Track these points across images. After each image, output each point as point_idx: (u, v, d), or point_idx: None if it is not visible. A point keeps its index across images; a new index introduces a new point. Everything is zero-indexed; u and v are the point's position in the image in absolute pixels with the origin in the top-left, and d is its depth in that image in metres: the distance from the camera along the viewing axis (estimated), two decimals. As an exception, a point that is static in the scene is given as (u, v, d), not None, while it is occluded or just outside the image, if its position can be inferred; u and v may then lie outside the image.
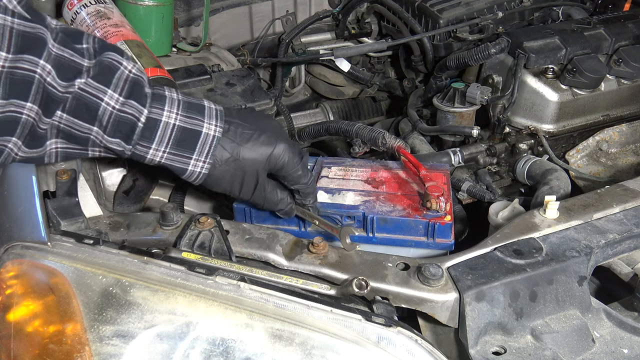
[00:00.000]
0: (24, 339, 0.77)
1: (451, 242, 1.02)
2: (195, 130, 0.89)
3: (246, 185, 0.94)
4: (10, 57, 0.74)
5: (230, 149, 0.91)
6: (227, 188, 0.94)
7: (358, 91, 1.99)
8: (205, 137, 0.90)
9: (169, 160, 0.90)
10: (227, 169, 0.92)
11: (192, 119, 0.89)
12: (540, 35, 1.46)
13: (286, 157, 0.94)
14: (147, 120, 0.86)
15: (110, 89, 0.84)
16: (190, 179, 0.92)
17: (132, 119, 0.85)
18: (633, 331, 0.89)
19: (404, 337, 0.77)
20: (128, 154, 0.88)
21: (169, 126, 0.88)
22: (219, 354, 0.74)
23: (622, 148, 1.46)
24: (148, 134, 0.87)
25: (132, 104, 0.85)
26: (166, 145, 0.88)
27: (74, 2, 1.30)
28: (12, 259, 0.82)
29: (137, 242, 0.94)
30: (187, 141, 0.89)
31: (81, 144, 0.86)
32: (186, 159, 0.90)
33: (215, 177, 0.92)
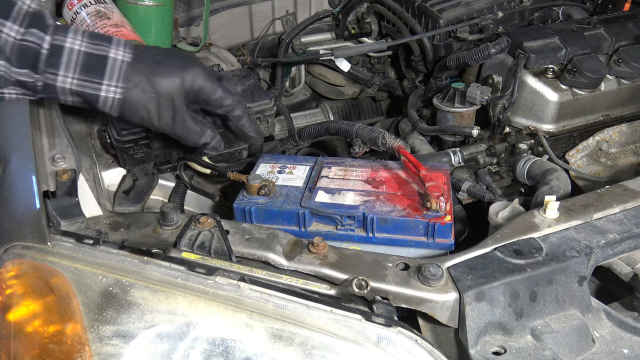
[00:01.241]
0: (24, 339, 0.77)
1: (451, 242, 1.02)
2: (102, 55, 0.88)
3: (163, 113, 0.93)
4: None
5: (143, 73, 0.90)
6: (144, 116, 0.93)
7: (358, 91, 1.99)
8: (114, 61, 0.89)
9: (80, 87, 0.88)
10: (142, 95, 0.91)
11: (98, 45, 0.88)
12: (540, 35, 1.46)
13: (201, 79, 0.93)
14: (51, 47, 0.85)
15: (9, 21, 0.83)
16: (105, 108, 0.91)
17: (34, 47, 0.84)
18: (633, 331, 0.89)
19: (404, 337, 0.77)
20: (40, 86, 0.87)
21: (73, 52, 0.87)
22: (219, 354, 0.74)
23: (622, 148, 1.46)
24: (53, 61, 0.86)
25: (33, 32, 0.84)
26: (73, 70, 0.87)
27: (74, 2, 1.30)
28: (12, 259, 0.82)
29: (137, 242, 0.94)
30: (94, 67, 0.88)
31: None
32: (96, 84, 0.88)
33: (130, 103, 0.91)
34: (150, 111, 0.92)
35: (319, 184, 1.14)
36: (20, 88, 0.88)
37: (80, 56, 0.87)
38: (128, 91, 0.90)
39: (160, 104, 0.92)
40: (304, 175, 1.17)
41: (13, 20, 0.83)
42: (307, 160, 1.24)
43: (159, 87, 0.91)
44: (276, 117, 1.67)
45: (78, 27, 0.90)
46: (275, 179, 1.16)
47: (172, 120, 0.94)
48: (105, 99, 0.90)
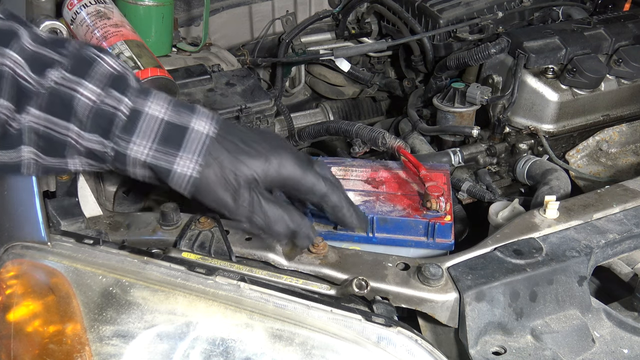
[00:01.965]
0: (24, 339, 0.77)
1: (451, 242, 1.02)
2: (184, 126, 0.78)
3: (243, 198, 0.80)
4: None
5: (226, 150, 0.79)
6: (220, 199, 0.80)
7: (358, 91, 1.99)
8: (196, 133, 0.78)
9: (154, 159, 0.77)
10: (220, 175, 0.79)
11: (181, 114, 0.78)
12: (540, 35, 1.46)
13: (290, 164, 0.82)
14: (130, 112, 0.76)
15: (87, 80, 0.75)
16: (178, 184, 0.79)
17: (111, 110, 0.75)
18: (633, 331, 0.89)
19: (404, 337, 0.77)
20: (110, 156, 0.77)
21: (153, 119, 0.77)
22: (219, 354, 0.74)
23: (622, 148, 1.46)
24: (130, 127, 0.76)
25: (112, 94, 0.76)
26: (150, 139, 0.77)
27: (74, 2, 1.30)
28: (12, 259, 0.82)
29: (137, 242, 0.94)
30: (174, 137, 0.77)
31: (59, 152, 0.77)
32: (172, 157, 0.78)
33: (206, 183, 0.79)
34: (228, 194, 0.80)
35: (319, 184, 1.14)
36: (88, 158, 0.79)
37: (161, 124, 0.77)
38: (207, 168, 0.78)
39: (240, 187, 0.80)
40: (304, 175, 1.17)
41: (92, 81, 0.75)
42: (307, 160, 1.24)
43: (242, 168, 0.79)
44: (276, 117, 1.67)
45: (161, 94, 0.79)
46: (275, 179, 1.15)
47: (252, 207, 0.80)
48: (180, 175, 0.78)
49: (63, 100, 0.74)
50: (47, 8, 1.37)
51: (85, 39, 1.26)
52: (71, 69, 0.75)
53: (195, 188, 0.79)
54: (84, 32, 1.26)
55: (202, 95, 1.36)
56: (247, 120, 1.33)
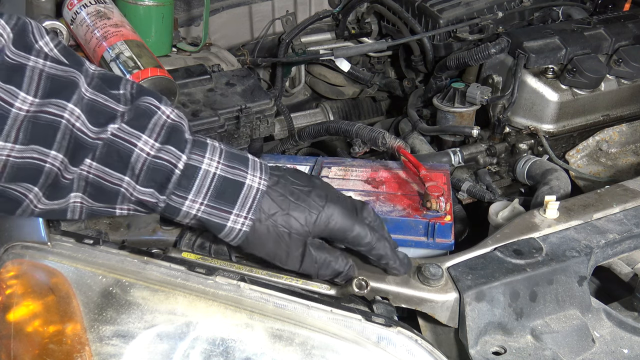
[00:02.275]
0: (24, 339, 0.77)
1: (451, 242, 1.02)
2: (238, 181, 0.79)
3: (293, 250, 0.82)
4: (37, 102, 0.68)
5: (277, 205, 0.81)
6: (271, 252, 0.83)
7: (358, 91, 1.99)
8: (249, 189, 0.80)
9: (206, 215, 0.79)
10: (272, 229, 0.81)
11: (234, 169, 0.80)
12: (540, 35, 1.46)
13: (339, 218, 0.83)
14: (186, 168, 0.77)
15: (145, 134, 0.75)
16: (229, 238, 0.81)
17: (168, 166, 0.76)
18: (633, 331, 0.89)
19: (404, 337, 0.77)
20: (161, 207, 0.79)
21: (209, 175, 0.78)
22: (219, 354, 0.74)
23: (622, 148, 1.46)
24: (185, 183, 0.77)
25: (169, 150, 0.76)
26: (204, 196, 0.78)
27: (74, 2, 1.30)
28: (12, 259, 0.82)
29: (137, 242, 0.94)
30: (228, 193, 0.79)
31: (109, 199, 0.78)
32: (226, 213, 0.79)
33: (257, 237, 0.81)
34: (279, 247, 0.82)
35: (319, 184, 1.14)
36: (137, 206, 0.80)
37: (215, 180, 0.78)
38: (258, 223, 0.80)
39: (289, 240, 0.82)
40: (304, 175, 1.17)
41: (149, 134, 0.75)
42: (307, 160, 1.24)
43: (292, 222, 0.81)
44: (276, 117, 1.67)
45: (215, 145, 0.80)
46: (275, 179, 1.15)
47: (302, 257, 0.83)
48: (231, 229, 0.80)
49: (120, 152, 0.75)
50: (47, 8, 1.37)
51: (85, 39, 1.26)
52: (130, 121, 0.75)
53: (245, 241, 0.81)
54: (84, 32, 1.26)
55: (202, 95, 1.36)
56: (247, 120, 1.33)
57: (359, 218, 0.86)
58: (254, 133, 1.36)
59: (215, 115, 1.28)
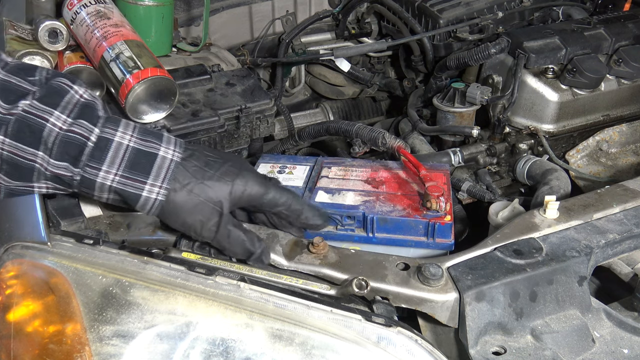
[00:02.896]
0: (24, 339, 0.77)
1: (451, 242, 1.02)
2: (151, 152, 0.82)
3: (208, 220, 0.84)
4: None
5: (191, 175, 0.84)
6: (186, 222, 0.85)
7: (358, 91, 1.99)
8: (162, 160, 0.82)
9: (121, 185, 0.81)
10: (187, 199, 0.83)
11: (148, 142, 0.83)
12: (540, 35, 1.46)
13: (254, 185, 0.87)
14: (98, 140, 0.80)
15: (58, 110, 0.78)
16: (145, 209, 0.84)
17: (80, 139, 0.79)
18: (633, 331, 0.89)
19: (404, 337, 0.77)
20: (77, 180, 0.81)
21: (122, 147, 0.81)
22: (219, 354, 0.74)
23: (622, 148, 1.46)
24: (98, 154, 0.80)
25: (81, 124, 0.79)
26: (118, 167, 0.81)
27: (74, 2, 1.30)
28: (12, 259, 0.82)
29: (137, 242, 0.94)
30: (141, 164, 0.82)
31: (25, 176, 0.80)
32: (140, 183, 0.82)
33: (173, 206, 0.83)
34: (194, 217, 0.84)
35: (319, 184, 1.14)
36: (54, 182, 0.82)
37: (128, 152, 0.81)
38: (173, 193, 0.83)
39: (204, 210, 0.84)
40: (304, 175, 1.17)
41: (62, 110, 0.78)
42: (307, 160, 1.24)
43: (208, 191, 0.84)
44: (276, 117, 1.67)
45: (129, 122, 0.84)
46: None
47: (216, 229, 0.85)
48: (147, 199, 0.82)
49: (32, 128, 0.77)
50: (47, 8, 1.37)
51: (85, 39, 1.26)
52: (41, 98, 0.78)
53: (161, 211, 0.84)
54: (84, 32, 1.26)
55: (202, 95, 1.36)
56: (247, 120, 1.33)
57: (272, 182, 0.91)
58: (254, 133, 1.36)
59: (215, 115, 1.28)
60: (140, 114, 1.20)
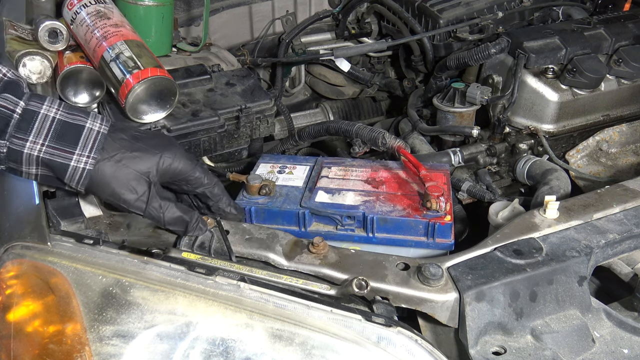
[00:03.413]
0: (24, 339, 0.77)
1: (451, 242, 1.02)
2: (78, 124, 0.84)
3: (137, 191, 0.86)
4: None
5: (119, 146, 0.85)
6: (115, 192, 0.86)
7: (358, 91, 1.99)
8: (89, 131, 0.84)
9: (49, 155, 0.82)
10: (115, 167, 0.84)
11: (75, 115, 0.84)
12: (540, 35, 1.46)
13: (181, 159, 0.89)
14: (24, 112, 0.81)
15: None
16: (73, 180, 0.84)
17: (6, 112, 0.80)
18: (633, 331, 0.89)
19: (404, 337, 0.77)
20: (3, 154, 0.81)
21: (48, 118, 0.82)
22: (219, 354, 0.74)
23: (622, 148, 1.46)
24: (24, 126, 0.81)
25: (6, 97, 0.80)
26: (45, 137, 0.82)
27: (74, 2, 1.30)
28: (12, 259, 0.82)
29: (137, 242, 0.94)
30: (69, 135, 0.83)
31: None
32: (68, 153, 0.83)
33: (102, 176, 0.84)
34: (123, 187, 0.85)
35: (319, 184, 1.14)
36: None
37: (55, 123, 0.82)
38: (101, 163, 0.84)
39: (133, 180, 0.86)
40: (304, 175, 1.17)
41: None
42: (307, 160, 1.24)
43: (136, 162, 0.86)
44: (276, 117, 1.67)
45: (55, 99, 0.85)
46: (275, 179, 1.16)
47: (146, 200, 0.87)
48: (75, 169, 0.83)
49: None
50: (47, 8, 1.37)
51: (85, 39, 1.26)
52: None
53: (90, 182, 0.85)
54: (84, 32, 1.26)
55: (202, 95, 1.36)
56: (247, 120, 1.33)
57: (199, 164, 0.92)
58: (254, 133, 1.36)
59: (215, 115, 1.28)
60: (140, 114, 1.20)
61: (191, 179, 0.92)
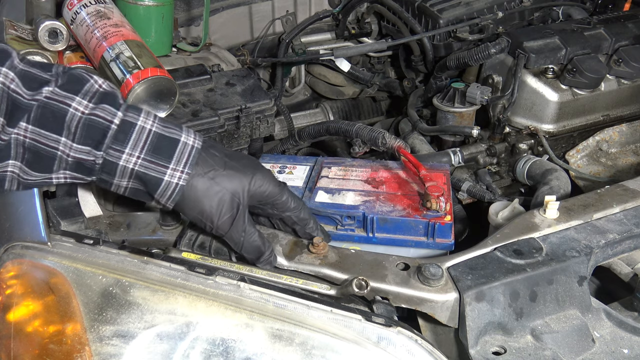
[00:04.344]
0: (24, 339, 0.77)
1: (451, 242, 1.02)
2: (173, 138, 0.83)
3: (225, 211, 0.84)
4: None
5: (213, 163, 0.84)
6: (204, 211, 0.84)
7: (358, 91, 1.99)
8: (184, 145, 0.83)
9: (144, 169, 0.81)
10: (208, 185, 0.83)
11: (169, 128, 0.83)
12: (540, 35, 1.46)
13: (270, 181, 0.88)
14: (122, 123, 0.80)
15: (79, 96, 0.79)
16: (165, 195, 0.83)
17: (104, 122, 0.79)
18: (633, 331, 0.89)
19: (404, 337, 0.77)
20: (99, 164, 0.80)
21: (144, 131, 0.81)
22: (219, 354, 0.74)
23: (622, 148, 1.46)
24: (122, 137, 0.80)
25: (104, 108, 0.79)
26: (141, 150, 0.81)
27: (74, 2, 1.30)
28: (12, 259, 0.82)
29: (137, 242, 0.94)
30: (164, 148, 0.82)
31: (46, 166, 0.80)
32: (162, 167, 0.81)
33: (194, 193, 0.83)
34: (213, 206, 0.83)
35: (319, 184, 1.14)
36: (74, 171, 0.81)
37: (151, 136, 0.81)
38: (194, 179, 0.82)
39: (224, 199, 0.83)
40: (304, 175, 1.17)
41: (83, 96, 0.79)
42: (307, 160, 1.24)
43: (228, 181, 0.84)
44: (276, 117, 1.67)
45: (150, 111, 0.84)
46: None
47: (232, 221, 0.84)
48: (168, 184, 0.81)
49: (54, 113, 0.77)
50: (47, 8, 1.37)
51: (85, 39, 1.26)
52: (63, 85, 0.79)
53: (181, 198, 0.83)
54: (84, 32, 1.26)
55: (202, 95, 1.36)
56: (247, 120, 1.33)
57: (286, 188, 0.91)
58: (254, 133, 1.36)
59: (215, 115, 1.28)
60: (140, 114, 1.20)
61: (278, 202, 0.90)
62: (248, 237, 0.86)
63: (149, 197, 0.84)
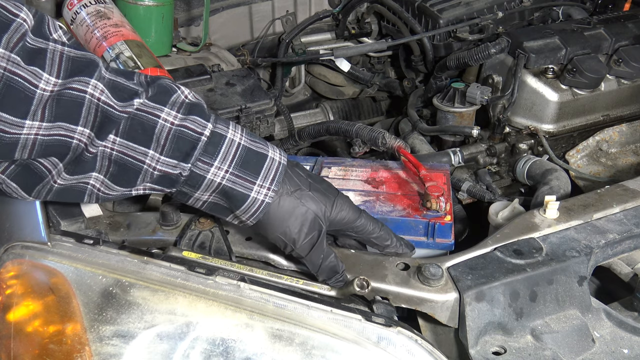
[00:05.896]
0: (24, 339, 0.77)
1: (451, 242, 1.02)
2: (261, 153, 0.80)
3: (308, 232, 0.82)
4: (60, 82, 0.69)
5: (298, 182, 0.82)
6: (288, 230, 0.82)
7: (358, 91, 1.99)
8: (271, 161, 0.80)
9: (231, 183, 0.78)
10: (294, 205, 0.81)
11: (257, 143, 0.81)
12: (540, 35, 1.46)
13: (349, 207, 0.87)
14: (212, 135, 0.77)
15: (167, 107, 0.76)
16: (248, 212, 0.80)
17: (194, 135, 0.76)
18: (633, 331, 0.89)
19: (404, 337, 0.77)
20: (183, 178, 0.78)
21: (234, 144, 0.78)
22: (219, 354, 0.74)
23: (622, 148, 1.46)
24: (212, 149, 0.77)
25: (194, 119, 0.77)
26: (230, 164, 0.78)
27: (74, 2, 1.30)
28: (12, 259, 0.82)
29: (137, 242, 0.94)
30: (252, 163, 0.79)
31: (130, 180, 0.78)
32: (250, 183, 0.79)
33: (278, 211, 0.81)
34: (297, 226, 0.81)
35: (319, 184, 1.14)
36: (156, 184, 0.79)
37: (240, 149, 0.79)
38: (281, 197, 0.80)
39: (309, 220, 0.82)
40: (304, 175, 1.17)
41: (171, 107, 0.76)
42: (307, 160, 1.24)
43: (313, 202, 0.82)
44: (276, 117, 1.67)
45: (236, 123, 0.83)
46: (275, 179, 1.15)
47: (314, 244, 0.83)
48: (254, 200, 0.79)
49: (144, 125, 0.75)
50: (47, 8, 1.37)
51: (85, 39, 1.26)
52: (152, 96, 0.76)
53: (265, 216, 0.81)
54: (84, 32, 1.26)
55: (202, 95, 1.36)
56: (247, 120, 1.33)
57: (363, 212, 0.91)
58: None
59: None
60: (140, 114, 1.20)
61: (357, 226, 0.89)
62: (326, 260, 0.85)
63: (229, 212, 0.82)
